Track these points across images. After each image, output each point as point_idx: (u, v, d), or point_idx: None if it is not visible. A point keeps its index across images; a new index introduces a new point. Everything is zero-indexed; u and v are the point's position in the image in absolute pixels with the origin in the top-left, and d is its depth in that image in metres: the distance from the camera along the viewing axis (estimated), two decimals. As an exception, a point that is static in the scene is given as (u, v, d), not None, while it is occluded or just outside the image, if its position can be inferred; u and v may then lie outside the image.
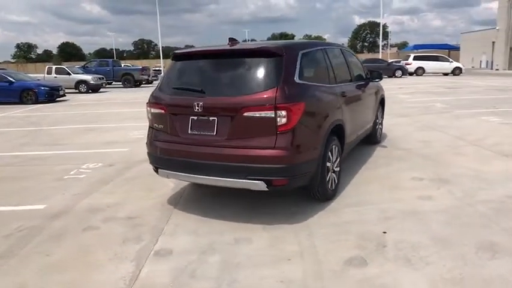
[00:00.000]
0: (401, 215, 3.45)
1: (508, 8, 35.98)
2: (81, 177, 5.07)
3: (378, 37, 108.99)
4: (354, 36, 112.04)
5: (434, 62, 29.47)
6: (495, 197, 3.75)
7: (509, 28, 35.96)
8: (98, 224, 3.58)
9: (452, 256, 2.71)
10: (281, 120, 3.06)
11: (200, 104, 3.24)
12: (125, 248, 3.08)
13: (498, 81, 21.68)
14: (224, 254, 2.89)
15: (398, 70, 27.47)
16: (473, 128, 7.32)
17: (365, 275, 2.53)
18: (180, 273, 2.66)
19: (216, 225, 3.41)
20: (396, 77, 27.10)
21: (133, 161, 5.77)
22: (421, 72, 29.26)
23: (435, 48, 62.00)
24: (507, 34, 36.34)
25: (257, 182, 3.14)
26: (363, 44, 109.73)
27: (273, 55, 3.25)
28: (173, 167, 3.51)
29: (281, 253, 2.87)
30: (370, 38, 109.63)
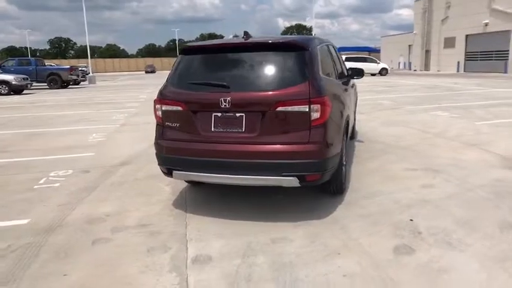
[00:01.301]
0: (416, 203, 3.61)
1: (422, 14, 39.84)
2: (56, 186, 4.53)
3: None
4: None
5: (364, 63, 31.49)
6: (486, 182, 4.11)
7: (424, 33, 39.81)
8: (107, 235, 3.22)
9: (484, 237, 2.91)
10: (314, 114, 3.02)
11: (228, 100, 3.07)
12: (154, 258, 2.81)
13: (423, 80, 23.88)
14: (269, 255, 2.78)
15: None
16: (431, 122, 7.97)
17: (419, 261, 2.60)
18: (234, 279, 2.49)
19: (240, 227, 3.26)
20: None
21: (110, 166, 5.31)
22: (352, 73, 31.17)
23: (357, 50, 66.32)
24: (423, 38, 40.20)
25: (291, 179, 3.06)
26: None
27: (299, 49, 3.20)
28: (193, 167, 3.28)
29: (327, 248, 2.84)
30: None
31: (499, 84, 18.45)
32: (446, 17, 36.37)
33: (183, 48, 3.56)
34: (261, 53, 3.29)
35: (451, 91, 15.44)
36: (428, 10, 39.19)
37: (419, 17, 40.64)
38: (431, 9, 38.84)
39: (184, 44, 3.54)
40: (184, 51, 3.54)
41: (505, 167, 4.63)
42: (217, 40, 3.79)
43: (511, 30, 28.29)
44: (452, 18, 35.06)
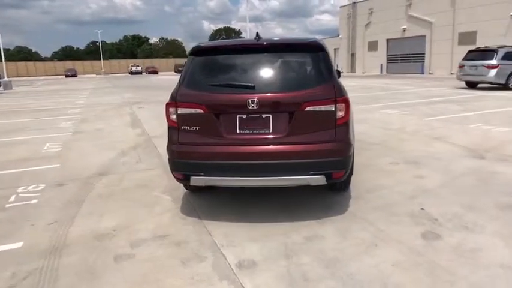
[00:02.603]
0: (417, 193, 3.89)
1: (347, 20, 42.54)
2: (33, 203, 4.06)
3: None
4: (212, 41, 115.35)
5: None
6: (465, 170, 4.57)
7: (349, 37, 42.51)
8: (127, 250, 2.98)
9: (492, 217, 3.25)
10: (339, 113, 3.11)
11: (255, 101, 3.02)
12: (194, 269, 2.67)
13: (355, 81, 25.48)
14: (311, 253, 2.80)
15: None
16: (387, 120, 8.57)
17: (450, 244, 2.83)
18: (291, 280, 2.47)
19: (266, 229, 3.23)
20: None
21: (86, 177, 4.90)
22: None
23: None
24: (348, 42, 42.89)
25: (318, 177, 3.12)
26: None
27: (318, 50, 3.27)
28: (217, 171, 3.17)
29: (362, 242, 2.94)
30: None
31: (424, 84, 20.42)
32: (369, 22, 39.25)
33: (194, 49, 3.43)
34: (281, 54, 3.30)
35: (387, 91, 16.72)
36: (353, 16, 41.94)
37: (345, 22, 43.30)
38: (355, 14, 41.62)
39: (105, 45, 3.33)
40: (195, 53, 3.40)
41: (473, 157, 5.18)
42: (232, 40, 3.70)
43: (426, 35, 31.53)
44: (375, 24, 37.97)
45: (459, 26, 27.95)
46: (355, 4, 41.85)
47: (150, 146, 6.67)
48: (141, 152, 6.23)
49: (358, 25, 41.30)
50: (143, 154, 6.07)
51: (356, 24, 41.68)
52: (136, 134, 7.85)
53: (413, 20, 32.39)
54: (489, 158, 5.04)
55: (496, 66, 13.46)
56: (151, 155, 6.03)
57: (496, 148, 5.57)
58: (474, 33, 26.56)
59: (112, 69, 70.66)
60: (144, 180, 4.74)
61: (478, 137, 6.32)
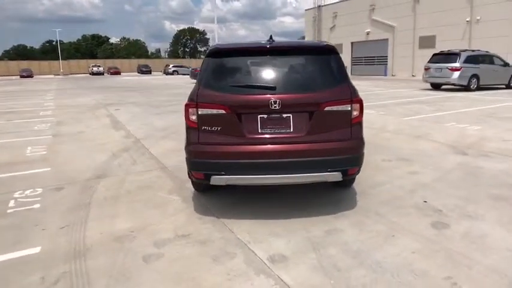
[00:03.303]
0: (416, 187, 4.18)
1: (312, 23, 43.56)
2: (37, 208, 3.96)
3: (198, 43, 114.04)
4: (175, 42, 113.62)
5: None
6: (454, 165, 4.93)
7: (315, 39, 43.56)
8: (153, 250, 3.01)
9: (489, 207, 3.57)
10: (354, 113, 3.31)
11: (278, 101, 3.15)
12: (227, 265, 2.76)
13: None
14: (336, 245, 2.97)
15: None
16: (367, 119, 8.81)
17: (459, 232, 3.10)
18: (325, 271, 2.62)
19: (286, 225, 3.36)
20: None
21: (84, 180, 4.81)
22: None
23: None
24: (313, 44, 43.97)
25: (335, 173, 3.29)
26: (185, 50, 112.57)
27: (333, 52, 3.45)
28: (238, 170, 3.26)
29: (379, 233, 3.15)
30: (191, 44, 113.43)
31: (391, 85, 21.35)
32: (333, 26, 40.39)
33: (212, 50, 3.49)
34: (297, 56, 3.45)
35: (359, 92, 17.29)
36: (318, 19, 42.99)
37: (310, 25, 44.29)
38: (320, 18, 42.68)
39: (62, 44, 3.33)
40: (213, 54, 3.47)
41: (457, 153, 5.58)
42: (249, 43, 3.79)
43: (388, 38, 32.92)
44: (340, 27, 39.13)
45: (420, 30, 29.43)
46: (320, 7, 42.91)
47: (141, 147, 6.60)
48: (134, 154, 6.16)
49: (323, 28, 42.34)
50: (136, 156, 6.00)
51: (321, 27, 42.71)
52: (122, 136, 7.72)
53: (377, 24, 33.71)
54: (471, 154, 5.46)
55: (459, 68, 14.39)
56: (145, 156, 5.98)
57: (474, 145, 6.03)
58: (433, 37, 28.07)
59: (71, 69, 67.77)
60: (145, 181, 4.73)
61: (456, 135, 6.79)
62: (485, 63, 15.19)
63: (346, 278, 2.53)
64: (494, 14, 24.22)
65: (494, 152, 5.54)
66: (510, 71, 16.00)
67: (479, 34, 24.93)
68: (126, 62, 75.54)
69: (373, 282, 2.47)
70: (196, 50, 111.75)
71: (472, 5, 25.54)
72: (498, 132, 6.95)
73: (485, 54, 15.68)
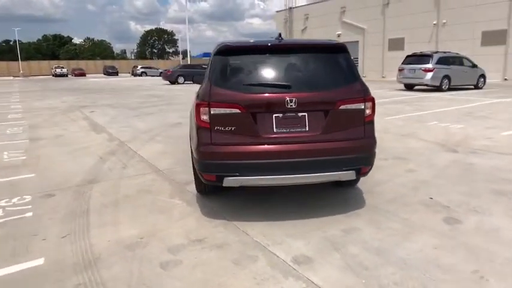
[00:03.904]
0: (417, 184, 4.26)
1: (284, 24, 43.95)
2: (29, 216, 3.70)
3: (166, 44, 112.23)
4: (143, 43, 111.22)
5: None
6: (448, 163, 5.07)
7: (286, 41, 43.99)
8: (169, 257, 2.88)
9: (491, 202, 3.69)
10: (367, 111, 3.32)
11: (294, 100, 3.10)
12: (251, 268, 2.68)
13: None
14: (357, 244, 2.95)
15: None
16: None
17: (471, 227, 3.18)
18: (353, 271, 2.60)
19: (300, 226, 3.31)
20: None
21: (75, 186, 4.57)
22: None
23: (221, 56, 68.93)
24: (285, 46, 44.34)
25: (350, 172, 3.29)
26: (152, 51, 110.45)
27: (344, 51, 3.44)
28: (253, 171, 3.18)
29: (396, 231, 3.17)
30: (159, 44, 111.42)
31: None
32: (305, 28, 40.93)
33: (222, 48, 3.39)
34: (309, 55, 3.41)
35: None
36: (289, 20, 43.43)
37: (282, 26, 44.64)
38: (291, 19, 43.13)
39: (21, 44, 3.15)
40: (223, 52, 3.38)
41: (447, 151, 5.76)
42: (259, 41, 3.70)
43: (359, 40, 33.73)
44: (311, 29, 39.68)
45: (389, 33, 30.35)
46: (291, 9, 43.38)
47: (128, 150, 6.35)
48: (122, 157, 5.92)
49: (294, 30, 42.80)
50: (126, 159, 5.77)
51: (293, 29, 43.16)
52: (105, 139, 7.41)
53: (347, 26, 34.46)
54: (461, 152, 5.65)
55: (432, 69, 14.95)
56: (134, 159, 5.76)
57: (461, 143, 6.24)
58: (402, 40, 29.04)
59: (32, 71, 64.49)
60: (142, 186, 4.54)
61: (441, 134, 7.01)
62: (456, 64, 15.87)
63: (376, 276, 2.52)
64: (459, 17, 25.38)
65: (481, 149, 5.76)
66: (478, 72, 16.80)
67: (445, 37, 26.02)
68: (91, 63, 72.98)
69: (403, 279, 2.47)
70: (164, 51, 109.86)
71: (438, 9, 26.64)
72: (479, 130, 7.24)
73: (456, 56, 16.39)
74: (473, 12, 24.61)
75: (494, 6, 23.52)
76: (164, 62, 77.77)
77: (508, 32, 23.09)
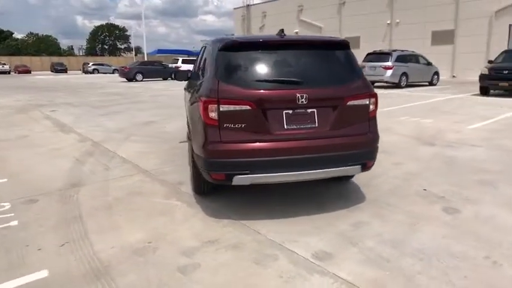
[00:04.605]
0: (408, 177, 4.44)
1: (242, 22, 43.92)
2: (14, 225, 3.41)
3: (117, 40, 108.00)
4: (92, 39, 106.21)
5: (201, 65, 32.63)
6: (430, 156, 5.34)
7: (245, 38, 43.99)
8: (186, 260, 2.77)
9: (480, 191, 3.94)
10: (371, 107, 3.40)
11: (305, 96, 3.10)
12: (274, 267, 2.66)
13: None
14: (370, 238, 3.02)
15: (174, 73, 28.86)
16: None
17: (470, 215, 3.37)
18: (376, 263, 2.66)
19: (309, 222, 3.33)
20: (173, 79, 28.46)
21: (56, 190, 4.27)
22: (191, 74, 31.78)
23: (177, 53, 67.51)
24: (243, 43, 44.35)
25: (356, 167, 3.35)
26: (103, 47, 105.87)
27: (347, 47, 3.49)
28: (264, 168, 3.14)
29: (402, 222, 3.28)
30: (110, 40, 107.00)
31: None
32: (263, 25, 41.16)
33: (228, 44, 3.30)
34: (315, 51, 3.42)
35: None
36: (247, 18, 43.47)
37: (239, 24, 44.61)
38: (249, 17, 43.20)
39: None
40: (228, 48, 3.29)
41: (425, 144, 6.05)
42: (265, 36, 3.63)
43: (316, 38, 34.55)
44: (269, 27, 39.93)
45: (345, 32, 31.30)
46: (249, 6, 43.44)
47: (106, 151, 6.04)
48: (101, 158, 5.61)
49: (252, 27, 42.91)
50: (106, 160, 5.48)
51: (251, 27, 43.26)
52: (76, 139, 6.99)
53: (305, 24, 35.11)
54: (439, 145, 5.96)
55: (391, 67, 15.64)
56: (116, 161, 5.48)
57: (436, 136, 6.59)
58: (358, 38, 30.07)
59: (-33, 67, 59.33)
60: (132, 187, 4.34)
61: (415, 128, 7.36)
62: (412, 62, 16.73)
63: (398, 268, 2.59)
64: (411, 18, 26.77)
65: (456, 142, 6.12)
66: (432, 70, 17.83)
67: (398, 36, 27.34)
68: (36, 60, 68.29)
69: (425, 269, 2.56)
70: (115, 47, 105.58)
71: (392, 9, 27.93)
72: (449, 125, 7.68)
73: (412, 54, 17.27)
74: (424, 12, 26.07)
75: (442, 8, 25.07)
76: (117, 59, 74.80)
77: (456, 32, 24.74)
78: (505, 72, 11.95)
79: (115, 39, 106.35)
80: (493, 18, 22.92)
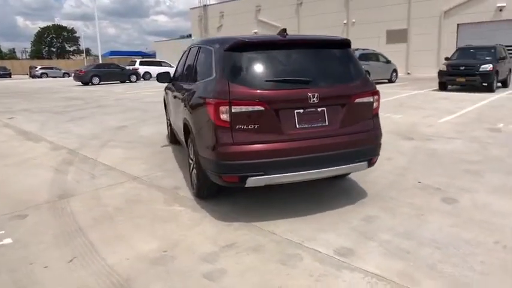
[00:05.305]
0: (401, 171, 4.63)
1: (199, 22, 43.44)
2: (9, 243, 3.16)
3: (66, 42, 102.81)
4: (38, 41, 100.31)
5: (159, 67, 31.85)
6: (412, 149, 5.60)
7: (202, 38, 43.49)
8: (209, 267, 2.71)
9: (469, 181, 4.20)
10: (375, 104, 3.50)
11: (316, 95, 3.13)
12: (301, 267, 2.67)
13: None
14: (384, 231, 3.12)
15: (133, 75, 27.96)
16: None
17: (468, 204, 3.58)
18: (396, 255, 2.75)
19: (319, 220, 3.37)
20: (132, 82, 27.57)
21: (44, 203, 4.00)
22: (149, 77, 30.93)
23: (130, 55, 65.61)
24: (202, 44, 43.85)
25: (363, 163, 3.45)
26: (50, 50, 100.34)
27: (349, 46, 3.57)
28: (278, 169, 3.13)
29: (409, 214, 3.42)
30: (57, 43, 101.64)
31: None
32: (221, 25, 40.99)
33: (234, 44, 3.24)
34: (321, 50, 3.46)
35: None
36: (204, 18, 43.08)
37: (197, 24, 44.12)
38: (206, 17, 42.85)
39: None
40: (235, 48, 3.23)
41: (404, 139, 6.33)
42: (272, 36, 3.60)
43: (275, 38, 34.92)
44: (227, 27, 39.86)
45: (303, 31, 31.88)
46: (206, 6, 43.08)
47: (86, 159, 5.73)
48: (83, 166, 5.33)
49: (210, 27, 42.62)
50: (89, 169, 5.20)
51: (208, 27, 42.94)
52: (49, 148, 6.57)
53: (264, 24, 35.38)
54: (417, 139, 6.26)
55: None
56: (100, 168, 5.22)
57: (412, 131, 6.92)
58: (316, 38, 30.82)
59: None
60: (127, 195, 4.16)
61: (390, 124, 7.66)
62: (373, 60, 17.39)
63: (419, 258, 2.70)
64: (366, 17, 27.87)
65: (433, 136, 6.46)
66: (391, 67, 18.66)
67: (355, 35, 28.26)
68: (-26, 64, 63.47)
69: (444, 257, 2.69)
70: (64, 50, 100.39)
71: (348, 9, 28.90)
72: (420, 119, 8.08)
73: (373, 53, 17.96)
74: (378, 12, 27.24)
75: (395, 8, 26.34)
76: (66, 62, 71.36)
77: (409, 31, 26.09)
78: (461, 68, 12.80)
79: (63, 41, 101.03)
80: (443, 17, 24.45)
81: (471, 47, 14.57)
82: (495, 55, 13.22)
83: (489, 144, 5.78)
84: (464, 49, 14.43)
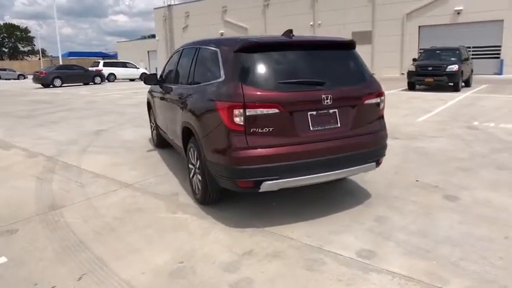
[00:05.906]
0: (397, 170, 4.73)
1: (163, 22, 42.55)
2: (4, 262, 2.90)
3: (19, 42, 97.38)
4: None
5: (124, 68, 30.90)
6: (401, 148, 5.73)
7: (167, 39, 42.63)
8: (233, 277, 2.62)
9: (464, 177, 4.34)
10: (381, 105, 3.54)
11: (329, 97, 3.11)
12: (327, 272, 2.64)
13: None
14: (397, 230, 3.16)
15: (97, 77, 26.91)
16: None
17: (469, 201, 3.70)
18: (416, 254, 2.78)
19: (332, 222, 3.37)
20: (96, 84, 26.54)
21: (34, 215, 3.74)
22: (113, 78, 29.93)
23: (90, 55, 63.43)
24: (166, 44, 42.97)
25: (372, 164, 3.48)
26: (2, 50, 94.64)
27: (355, 47, 3.58)
28: (293, 172, 3.08)
29: (417, 213, 3.48)
30: (10, 43, 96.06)
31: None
32: (186, 26, 40.38)
33: (244, 45, 3.15)
34: (329, 51, 3.45)
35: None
36: (169, 18, 42.26)
37: (161, 24, 43.19)
38: (171, 17, 42.04)
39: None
40: (245, 49, 3.14)
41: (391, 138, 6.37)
42: (279, 37, 3.52)
43: (243, 39, 34.89)
44: (193, 27, 39.31)
45: (270, 32, 32.07)
46: (170, 6, 42.28)
47: (67, 166, 5.40)
48: (68, 174, 5.01)
49: (175, 28, 41.91)
50: (75, 177, 4.90)
51: (173, 27, 42.19)
52: (24, 156, 6.14)
53: (230, 25, 35.28)
54: (403, 138, 6.43)
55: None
56: (86, 176, 4.93)
57: (395, 130, 7.08)
58: (284, 39, 31.12)
59: None
60: (125, 204, 3.96)
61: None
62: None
63: (440, 256, 2.74)
64: (332, 19, 28.49)
65: (417, 135, 6.67)
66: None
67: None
68: None
69: (464, 254, 2.75)
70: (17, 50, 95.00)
71: (314, 11, 29.40)
72: (399, 119, 8.33)
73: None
74: (343, 14, 27.94)
75: (360, 10, 27.13)
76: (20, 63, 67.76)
77: (373, 33, 26.93)
78: (429, 69, 13.37)
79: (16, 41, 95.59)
80: (405, 19, 25.48)
81: (436, 49, 15.28)
82: (460, 56, 13.94)
83: (471, 142, 6.05)
84: (430, 50, 15.09)
